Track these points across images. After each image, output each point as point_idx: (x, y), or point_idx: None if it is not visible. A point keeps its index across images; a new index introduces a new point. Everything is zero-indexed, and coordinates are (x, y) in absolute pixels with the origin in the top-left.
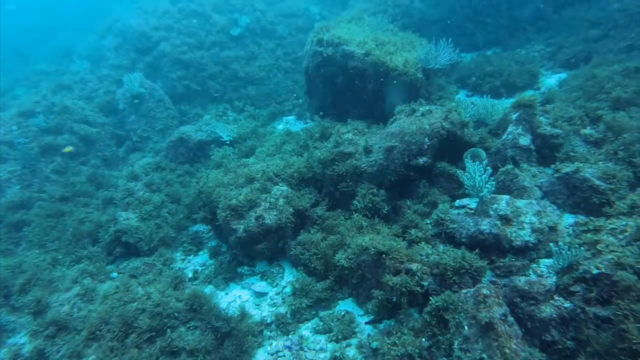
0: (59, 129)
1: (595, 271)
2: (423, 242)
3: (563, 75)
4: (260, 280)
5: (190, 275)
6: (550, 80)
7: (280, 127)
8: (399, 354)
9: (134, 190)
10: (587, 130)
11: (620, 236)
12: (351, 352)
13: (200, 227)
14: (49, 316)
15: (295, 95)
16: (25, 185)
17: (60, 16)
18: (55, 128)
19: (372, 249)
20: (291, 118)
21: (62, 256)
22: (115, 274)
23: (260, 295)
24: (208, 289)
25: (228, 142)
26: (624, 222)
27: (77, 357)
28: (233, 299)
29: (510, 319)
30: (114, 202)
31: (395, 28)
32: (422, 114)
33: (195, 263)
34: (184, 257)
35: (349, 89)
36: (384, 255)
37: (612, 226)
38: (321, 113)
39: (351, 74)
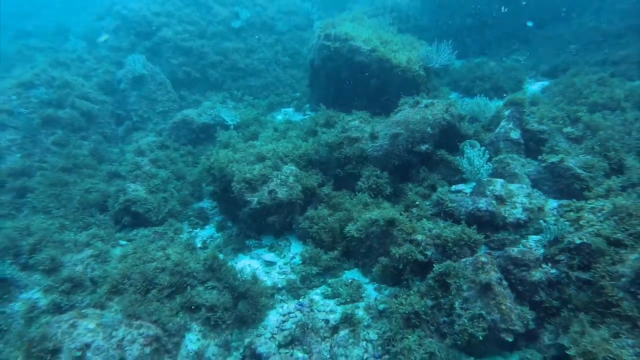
0: (61, 102)
1: (578, 241)
2: (424, 219)
3: (545, 83)
4: (269, 251)
5: (199, 245)
6: (534, 87)
7: (279, 117)
8: (407, 311)
9: (141, 165)
10: (569, 129)
11: (599, 214)
12: (359, 313)
13: (205, 204)
14: (64, 273)
15: (293, 88)
16: (26, 154)
17: None
18: (57, 101)
19: (382, 220)
20: (289, 110)
21: (69, 222)
22: (124, 242)
23: (270, 264)
24: None
25: (232, 127)
26: (601, 203)
27: (100, 308)
28: (243, 266)
29: (505, 283)
30: (118, 175)
31: (395, 30)
32: (425, 106)
33: (202, 236)
34: (190, 229)
35: (353, 82)
36: (392, 226)
37: (591, 206)
38: (322, 104)
39: (356, 68)
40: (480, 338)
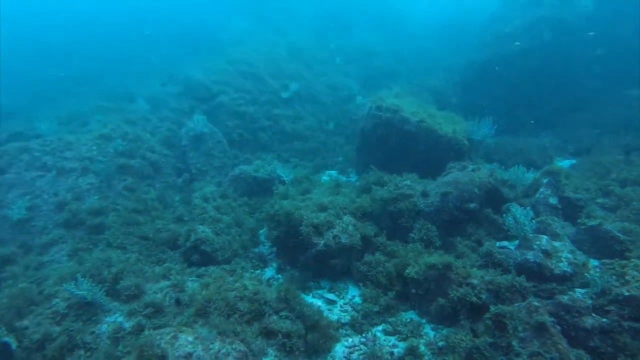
0: (133, 153)
1: (626, 293)
2: (475, 268)
3: (573, 161)
4: (329, 292)
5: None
6: (563, 163)
7: (325, 178)
8: (469, 346)
9: (207, 210)
10: (602, 199)
11: None
12: (421, 348)
13: (262, 249)
14: (147, 299)
15: (336, 153)
16: (102, 197)
17: (107, 63)
18: (130, 152)
19: (440, 264)
20: (333, 172)
21: (143, 258)
22: (193, 277)
23: (331, 302)
24: None
25: (287, 182)
26: None
27: (189, 326)
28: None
29: (558, 327)
30: (182, 219)
31: (434, 107)
32: (472, 170)
33: (264, 277)
34: (252, 270)
35: (400, 148)
36: (449, 270)
37: (634, 264)
38: (373, 166)
39: (404, 136)
40: None
